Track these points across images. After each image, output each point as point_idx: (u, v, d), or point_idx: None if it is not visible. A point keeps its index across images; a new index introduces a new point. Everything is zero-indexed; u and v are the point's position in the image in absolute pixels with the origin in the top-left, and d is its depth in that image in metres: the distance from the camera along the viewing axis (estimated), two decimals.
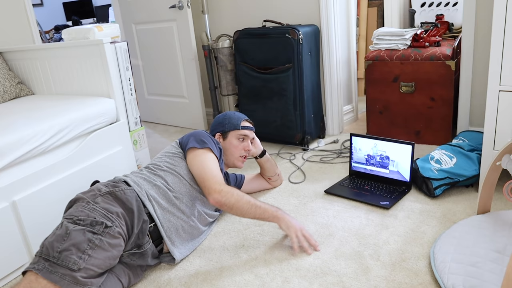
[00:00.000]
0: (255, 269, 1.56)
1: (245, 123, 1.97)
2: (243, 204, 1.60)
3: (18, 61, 2.48)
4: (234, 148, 1.93)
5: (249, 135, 1.96)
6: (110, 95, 2.11)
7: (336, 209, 1.92)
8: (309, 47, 2.60)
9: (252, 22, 3.06)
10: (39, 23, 5.21)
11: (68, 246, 1.30)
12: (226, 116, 1.98)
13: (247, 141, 1.96)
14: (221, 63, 2.94)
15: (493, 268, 1.33)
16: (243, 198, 1.61)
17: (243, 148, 1.94)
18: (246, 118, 1.99)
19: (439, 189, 1.91)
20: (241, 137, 1.94)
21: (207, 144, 1.75)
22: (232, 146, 1.93)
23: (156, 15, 3.30)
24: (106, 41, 2.02)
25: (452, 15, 3.13)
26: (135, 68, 3.69)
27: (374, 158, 2.12)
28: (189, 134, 1.82)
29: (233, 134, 1.94)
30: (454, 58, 2.40)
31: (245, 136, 1.95)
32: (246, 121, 1.98)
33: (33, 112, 1.90)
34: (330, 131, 2.94)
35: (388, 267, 1.49)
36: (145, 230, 1.54)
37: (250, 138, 1.98)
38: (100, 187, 1.53)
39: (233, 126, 1.94)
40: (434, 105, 2.47)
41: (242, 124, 1.95)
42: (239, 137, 1.94)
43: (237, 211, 1.61)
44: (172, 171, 1.72)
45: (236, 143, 1.93)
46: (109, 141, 2.05)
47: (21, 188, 1.66)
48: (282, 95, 2.64)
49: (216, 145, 1.81)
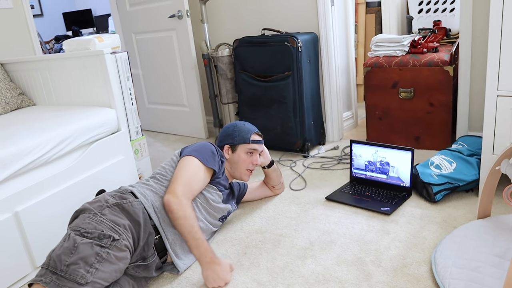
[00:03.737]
0: (257, 276, 1.57)
1: (255, 137, 1.93)
2: (185, 226, 1.54)
3: (19, 72, 2.50)
4: (242, 162, 1.89)
5: (258, 149, 1.93)
6: (111, 105, 2.12)
7: (337, 216, 1.93)
8: (308, 54, 2.62)
9: (251, 30, 3.08)
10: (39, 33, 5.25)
11: (76, 259, 1.30)
12: (236, 127, 1.93)
13: (256, 155, 1.93)
14: (221, 72, 2.96)
15: (494, 273, 1.33)
16: (189, 221, 1.55)
17: (251, 162, 1.91)
18: (256, 130, 1.95)
19: (439, 194, 1.92)
20: (250, 151, 1.91)
21: (203, 155, 1.73)
22: (240, 160, 1.89)
23: (155, 24, 3.32)
24: (106, 52, 2.04)
25: (449, 21, 3.15)
26: (136, 78, 3.71)
27: (374, 164, 2.13)
28: (193, 144, 1.82)
29: (242, 147, 1.90)
30: (452, 63, 2.41)
31: (254, 151, 1.92)
32: (256, 134, 1.94)
33: (35, 123, 1.91)
34: (330, 138, 2.95)
35: (390, 273, 1.49)
36: (150, 242, 1.54)
37: (259, 152, 1.95)
38: (107, 198, 1.52)
39: (243, 139, 1.90)
40: (433, 110, 2.48)
41: (252, 138, 1.91)
42: (248, 151, 1.90)
43: (177, 226, 1.56)
44: None
45: (244, 157, 1.90)
46: (110, 151, 2.06)
47: (23, 199, 1.67)
48: (282, 102, 2.65)
49: (217, 158, 1.78)
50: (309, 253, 1.67)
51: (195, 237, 1.54)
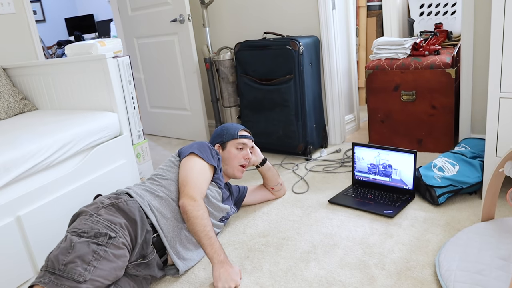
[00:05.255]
0: (260, 280, 1.56)
1: (243, 132, 1.99)
2: (198, 225, 1.57)
3: (22, 77, 2.51)
4: (233, 157, 1.94)
5: (247, 144, 1.98)
6: (113, 109, 2.12)
7: (340, 219, 1.92)
8: (310, 58, 2.62)
9: (252, 34, 3.09)
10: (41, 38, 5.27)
11: (73, 258, 1.30)
12: (224, 127, 2.01)
13: (246, 150, 1.98)
14: (222, 75, 2.96)
15: (499, 276, 1.32)
16: (203, 220, 1.58)
17: (243, 156, 1.95)
18: (243, 127, 2.02)
19: (443, 197, 1.91)
20: (239, 145, 1.96)
21: (203, 153, 1.77)
22: (231, 156, 1.94)
23: (157, 29, 3.33)
24: (108, 56, 2.04)
25: (451, 24, 3.15)
26: (138, 82, 3.71)
27: (377, 167, 2.12)
28: (190, 144, 1.84)
29: (232, 143, 1.95)
30: (454, 66, 2.41)
31: (243, 145, 1.96)
32: (243, 130, 2.00)
33: (37, 127, 1.92)
34: (332, 141, 2.95)
35: (394, 276, 1.49)
36: (148, 240, 1.54)
37: (249, 147, 1.99)
38: (102, 200, 1.54)
39: (231, 135, 1.96)
40: (435, 113, 2.47)
41: (239, 133, 1.97)
42: (238, 146, 1.95)
43: (191, 226, 1.58)
44: (175, 181, 1.73)
45: (235, 152, 1.94)
46: (112, 155, 2.06)
47: (25, 203, 1.67)
48: (283, 106, 2.65)
49: (215, 155, 1.83)
50: (312, 256, 1.66)
51: (208, 235, 1.56)
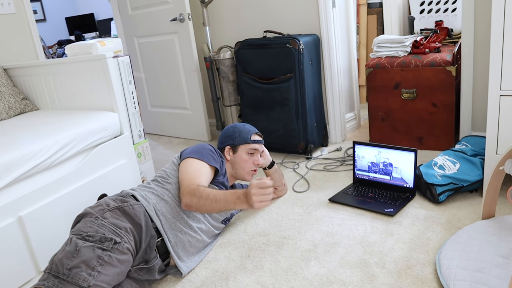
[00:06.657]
0: (261, 279, 1.56)
1: (255, 137, 1.96)
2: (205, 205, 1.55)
3: (22, 77, 2.51)
4: (244, 162, 1.91)
5: (259, 149, 1.95)
6: (114, 109, 2.13)
7: (341, 217, 1.92)
8: (310, 56, 2.62)
9: (252, 33, 3.09)
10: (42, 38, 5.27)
11: (78, 263, 1.30)
12: (236, 129, 1.96)
13: (257, 155, 1.95)
14: (223, 74, 2.96)
15: (499, 274, 1.32)
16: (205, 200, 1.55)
17: (253, 162, 1.93)
18: (256, 131, 1.98)
19: (443, 195, 1.91)
20: (251, 151, 1.93)
21: (204, 155, 1.74)
22: (242, 160, 1.91)
23: (157, 28, 3.33)
24: (108, 56, 2.05)
25: (451, 21, 3.14)
26: (138, 81, 3.72)
27: (377, 165, 2.12)
28: (192, 146, 1.83)
29: (243, 148, 1.93)
30: (455, 63, 2.41)
31: (255, 150, 1.94)
32: (256, 135, 1.97)
33: (38, 128, 1.92)
34: (333, 139, 2.95)
35: (394, 275, 1.49)
36: (152, 245, 1.54)
37: (260, 152, 1.97)
38: (108, 202, 1.53)
39: (243, 140, 1.93)
40: (436, 111, 2.47)
41: (252, 138, 1.94)
42: (250, 151, 1.93)
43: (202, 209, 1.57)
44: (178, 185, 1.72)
45: (246, 158, 1.92)
46: (113, 155, 2.06)
47: (27, 203, 1.67)
48: (284, 104, 2.65)
49: (218, 158, 1.80)
50: (312, 255, 1.67)
51: (217, 198, 1.53)
